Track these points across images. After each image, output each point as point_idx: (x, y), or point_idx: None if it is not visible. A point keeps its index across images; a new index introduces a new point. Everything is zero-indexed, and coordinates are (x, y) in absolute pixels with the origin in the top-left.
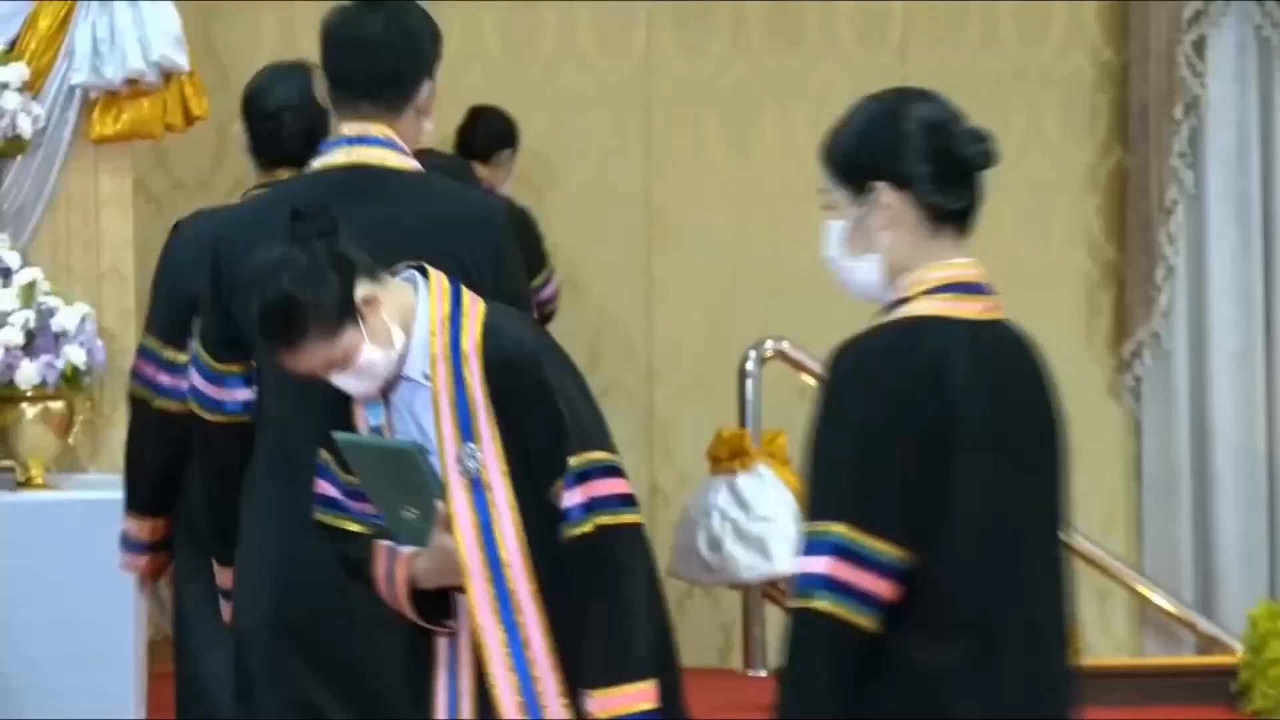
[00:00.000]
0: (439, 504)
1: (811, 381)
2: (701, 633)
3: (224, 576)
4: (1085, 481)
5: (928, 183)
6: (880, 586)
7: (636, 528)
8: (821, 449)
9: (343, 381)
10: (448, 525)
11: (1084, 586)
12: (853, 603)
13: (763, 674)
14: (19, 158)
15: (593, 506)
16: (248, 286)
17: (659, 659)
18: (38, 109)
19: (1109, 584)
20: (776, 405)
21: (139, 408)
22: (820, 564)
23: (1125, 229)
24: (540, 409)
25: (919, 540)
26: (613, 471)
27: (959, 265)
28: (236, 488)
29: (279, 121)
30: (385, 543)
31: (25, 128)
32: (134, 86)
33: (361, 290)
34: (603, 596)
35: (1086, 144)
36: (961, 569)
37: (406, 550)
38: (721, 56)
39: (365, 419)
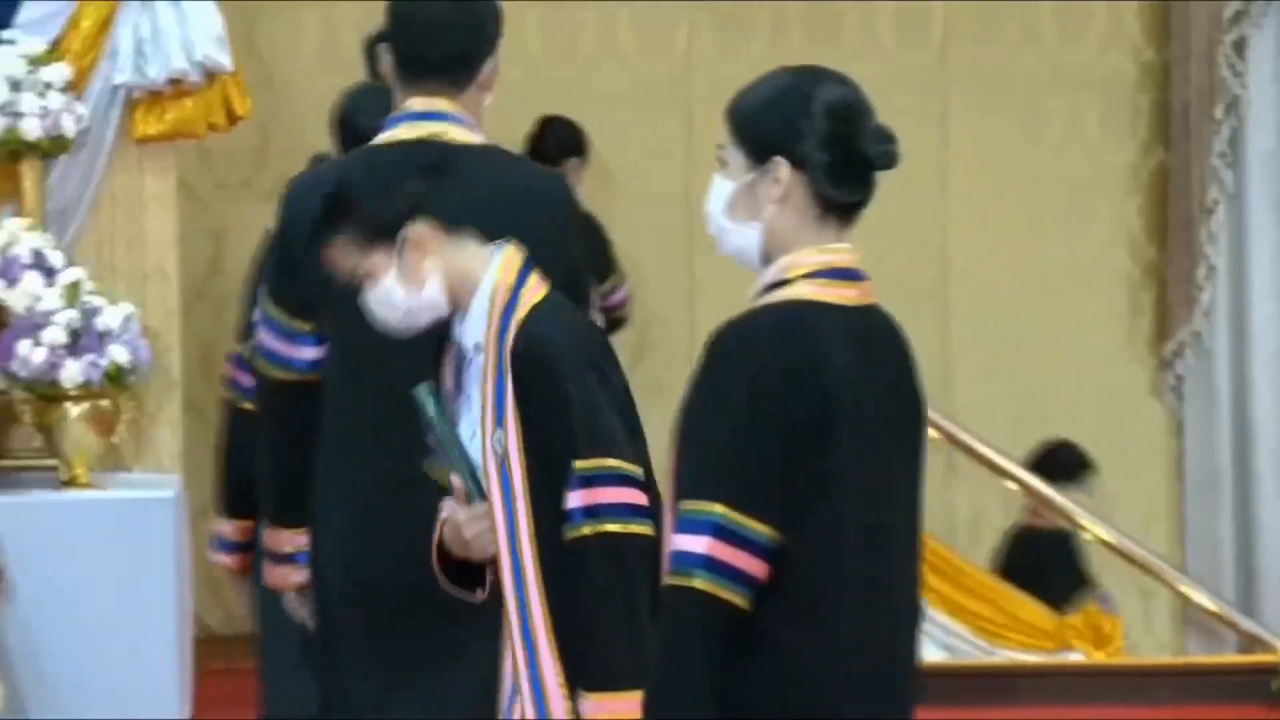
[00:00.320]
0: (455, 479)
1: None
2: None
3: (274, 538)
4: (1127, 480)
5: (824, 171)
6: (754, 566)
7: (645, 539)
8: (699, 427)
9: (370, 301)
10: (464, 499)
11: (1126, 585)
12: (729, 582)
13: None
14: (63, 157)
15: (596, 512)
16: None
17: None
18: (81, 109)
19: (1151, 583)
20: None
21: (233, 410)
22: (700, 543)
23: (1166, 229)
24: (551, 408)
25: (789, 522)
26: (624, 480)
27: (836, 251)
28: (302, 449)
29: None
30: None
31: (69, 127)
32: (177, 86)
33: (416, 231)
34: (602, 602)
35: (1127, 144)
36: (830, 552)
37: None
38: (761, 56)
39: (447, 376)
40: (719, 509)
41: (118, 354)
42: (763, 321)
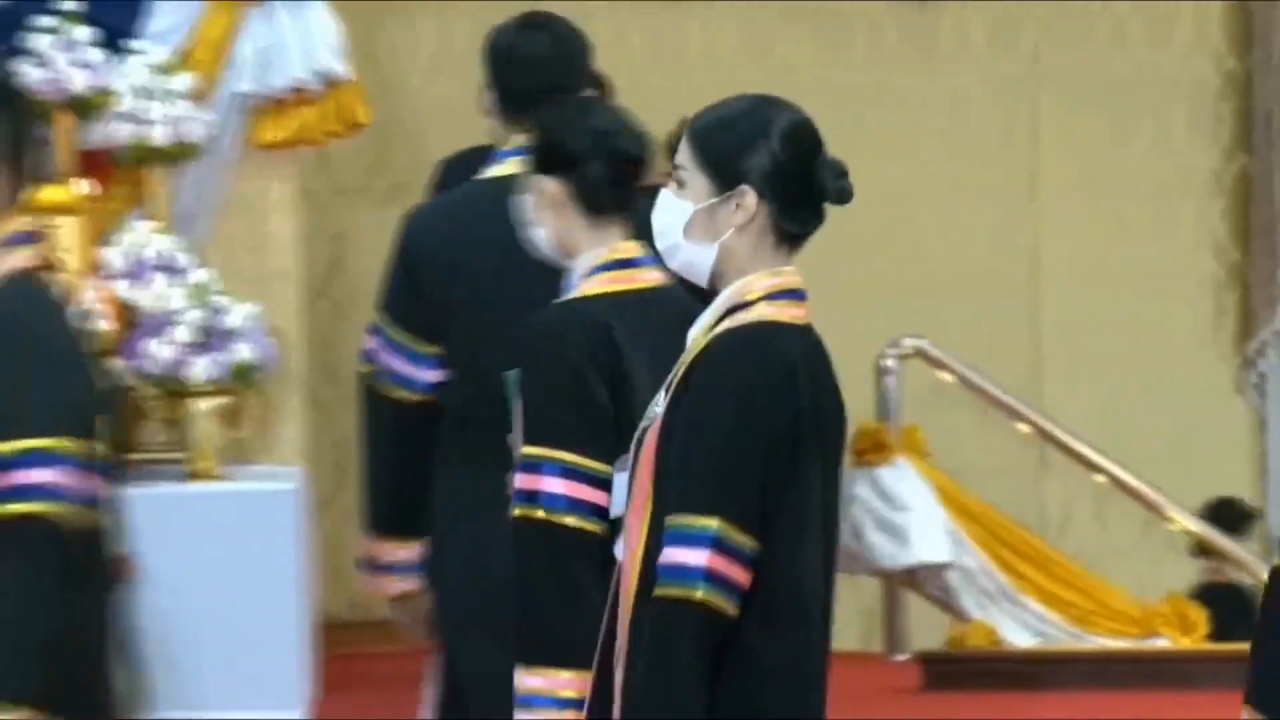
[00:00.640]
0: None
1: (949, 379)
2: (843, 619)
3: (379, 548)
4: (1210, 476)
5: (783, 204)
6: (744, 577)
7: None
8: (691, 444)
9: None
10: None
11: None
12: (725, 593)
13: (903, 658)
14: (188, 165)
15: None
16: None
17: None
18: (206, 116)
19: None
20: (909, 401)
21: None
22: (701, 557)
23: (1249, 233)
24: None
25: (762, 531)
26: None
27: (788, 273)
28: (417, 466)
29: None
30: None
31: (195, 134)
32: (298, 94)
33: (551, 183)
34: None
35: (1211, 150)
36: (798, 559)
37: None
38: (858, 62)
39: None
40: (715, 523)
41: (243, 352)
42: (737, 342)
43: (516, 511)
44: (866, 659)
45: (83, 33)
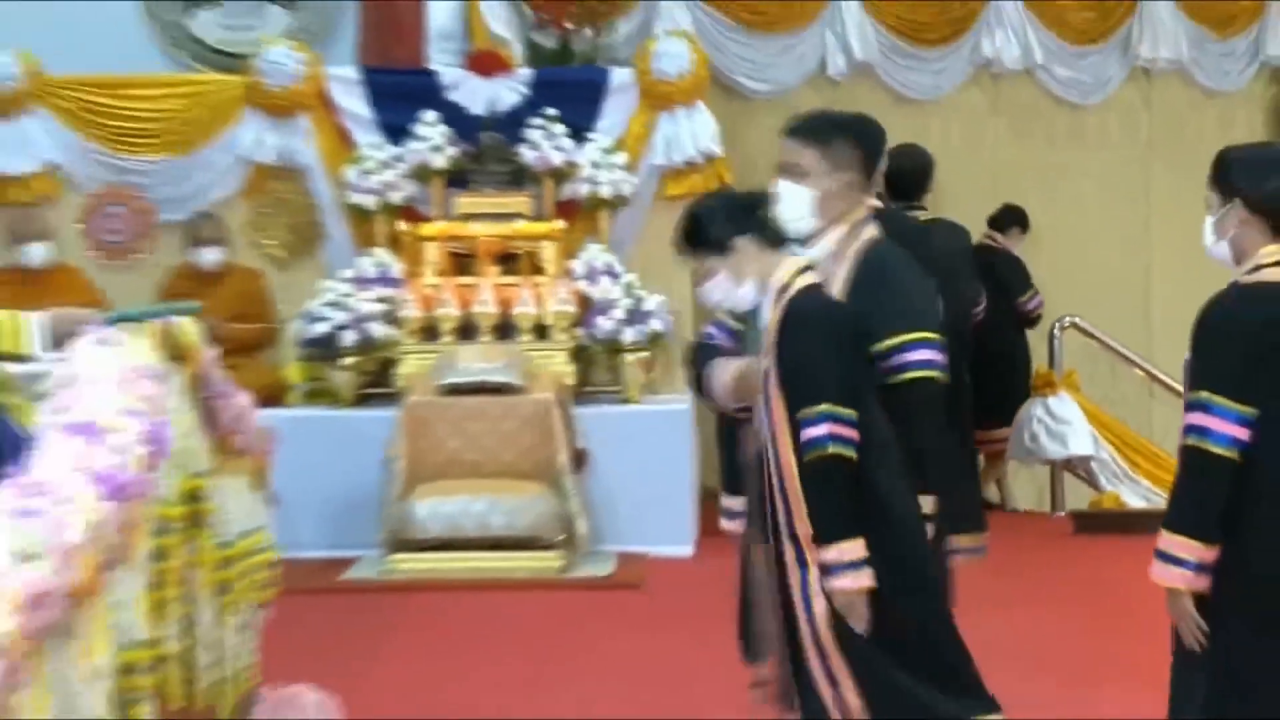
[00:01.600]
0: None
1: (1094, 343)
2: (1023, 490)
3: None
4: None
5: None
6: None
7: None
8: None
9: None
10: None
11: None
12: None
13: (1061, 514)
14: (622, 209)
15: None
16: None
17: None
18: (633, 179)
19: None
20: (1069, 356)
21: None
22: (823, 428)
23: None
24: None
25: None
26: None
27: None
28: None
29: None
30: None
31: (625, 190)
32: (689, 165)
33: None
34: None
35: None
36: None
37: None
38: (1040, 145)
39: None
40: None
41: (654, 324)
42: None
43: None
44: (1039, 515)
45: (559, 128)
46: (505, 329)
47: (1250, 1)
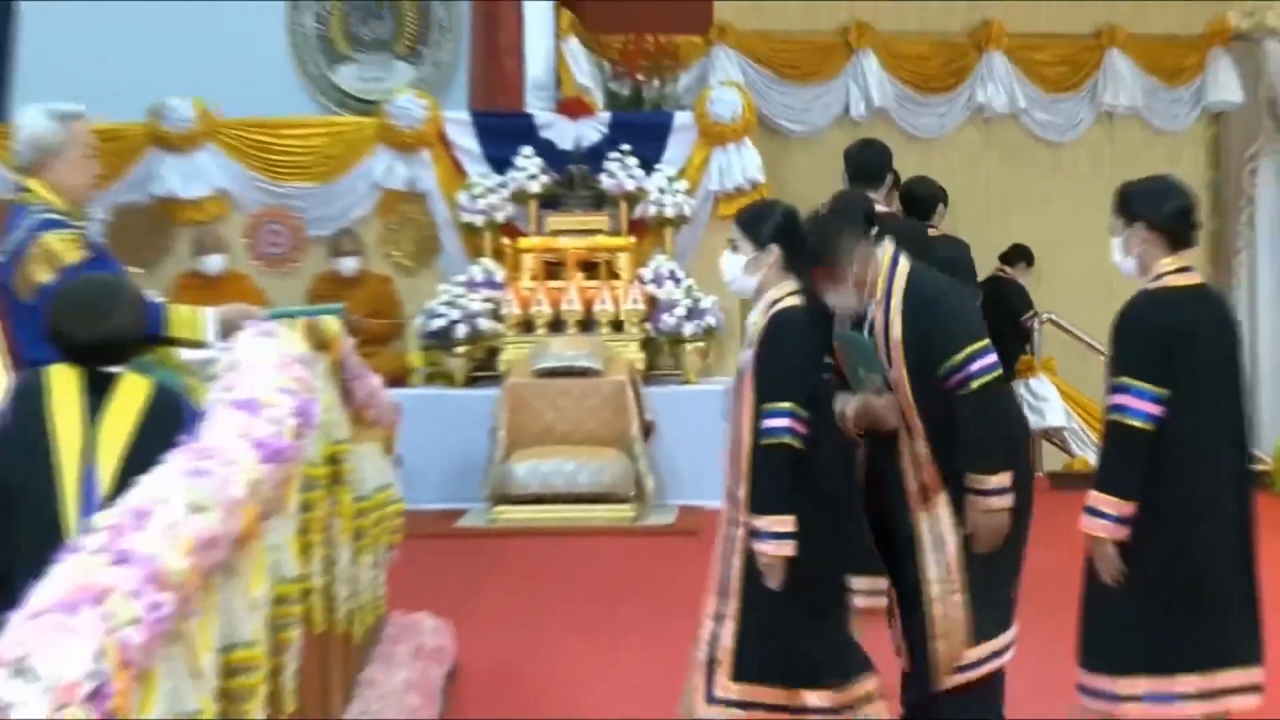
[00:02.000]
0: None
1: (1067, 335)
2: None
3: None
4: None
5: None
6: (805, 430)
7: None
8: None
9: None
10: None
11: None
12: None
13: (1040, 474)
14: (683, 227)
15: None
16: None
17: None
18: (692, 202)
19: None
20: (1047, 345)
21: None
22: (785, 421)
23: None
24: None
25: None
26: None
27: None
28: None
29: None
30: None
31: (686, 211)
32: (739, 191)
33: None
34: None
35: None
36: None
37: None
38: (1064, 182)
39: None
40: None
41: (709, 320)
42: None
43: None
44: None
45: (633, 160)
46: (588, 323)
47: (1194, 58)
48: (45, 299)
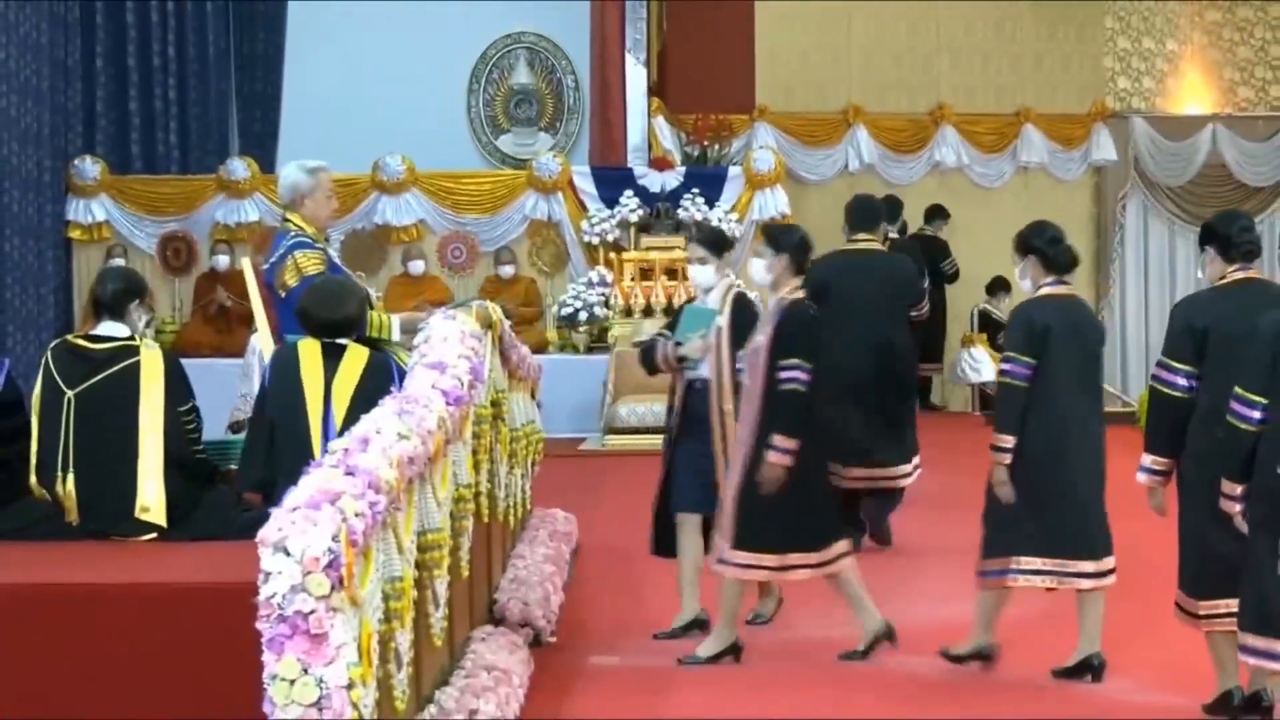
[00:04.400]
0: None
1: (995, 320)
2: (960, 398)
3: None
4: None
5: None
6: (810, 379)
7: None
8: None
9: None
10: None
11: None
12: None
13: (977, 414)
14: (735, 245)
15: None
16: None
17: None
18: (741, 227)
19: None
20: (980, 328)
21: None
22: (798, 373)
23: None
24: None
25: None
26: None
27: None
28: None
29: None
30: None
31: (737, 234)
32: (772, 220)
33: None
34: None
35: None
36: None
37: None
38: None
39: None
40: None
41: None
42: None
43: None
44: (967, 415)
45: (700, 199)
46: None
47: (1082, 130)
48: (294, 296)
